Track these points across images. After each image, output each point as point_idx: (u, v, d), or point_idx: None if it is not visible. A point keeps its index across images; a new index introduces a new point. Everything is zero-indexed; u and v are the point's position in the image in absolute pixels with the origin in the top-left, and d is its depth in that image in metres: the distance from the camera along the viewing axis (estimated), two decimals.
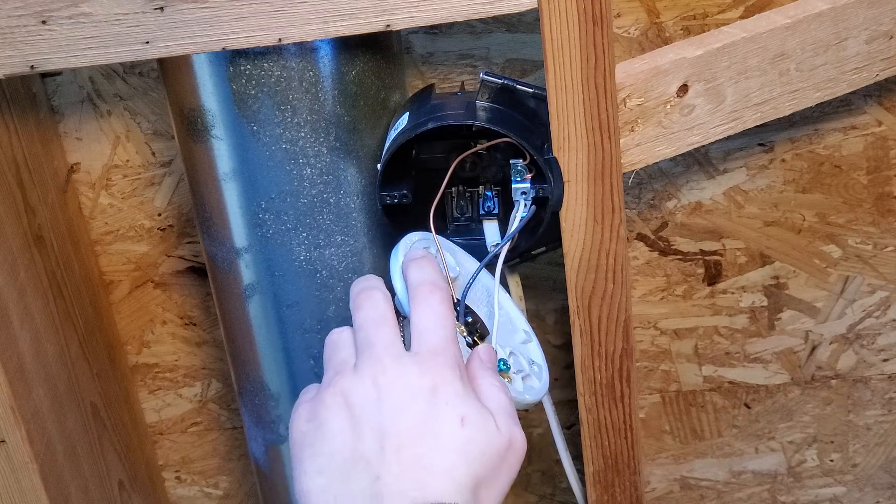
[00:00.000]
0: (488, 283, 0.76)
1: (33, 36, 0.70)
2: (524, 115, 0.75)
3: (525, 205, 0.74)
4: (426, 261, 0.67)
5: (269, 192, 0.77)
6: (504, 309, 0.76)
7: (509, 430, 0.60)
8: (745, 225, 0.95)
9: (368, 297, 0.64)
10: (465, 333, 0.70)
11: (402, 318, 0.73)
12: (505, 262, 0.79)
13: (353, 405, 0.59)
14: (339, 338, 0.64)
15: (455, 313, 0.65)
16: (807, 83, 0.79)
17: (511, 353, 0.73)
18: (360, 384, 0.59)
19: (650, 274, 0.97)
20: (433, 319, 0.62)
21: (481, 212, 0.79)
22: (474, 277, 0.73)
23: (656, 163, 0.80)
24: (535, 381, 0.73)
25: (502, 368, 0.70)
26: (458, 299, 0.72)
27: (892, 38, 0.80)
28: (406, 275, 0.66)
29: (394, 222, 0.77)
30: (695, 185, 0.94)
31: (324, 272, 0.79)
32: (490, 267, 0.75)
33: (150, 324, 1.01)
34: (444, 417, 0.58)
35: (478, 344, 0.71)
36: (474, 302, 0.74)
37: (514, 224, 0.74)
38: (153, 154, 0.93)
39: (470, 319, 0.72)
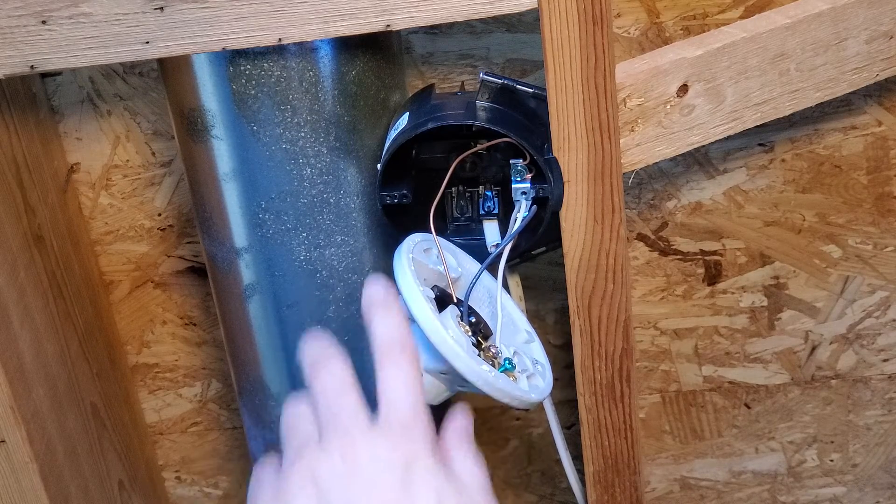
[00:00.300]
0: (489, 283, 0.76)
1: (33, 36, 0.70)
2: (524, 115, 0.75)
3: (525, 205, 0.74)
4: (392, 308, 0.60)
5: (269, 192, 0.77)
6: (506, 309, 0.76)
7: None
8: (745, 225, 0.95)
9: (325, 365, 0.59)
10: (469, 333, 0.70)
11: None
12: (505, 263, 0.79)
13: (320, 480, 0.55)
14: (296, 410, 0.60)
15: (421, 372, 0.61)
16: (807, 83, 0.79)
17: (515, 352, 0.73)
18: (328, 459, 0.55)
19: (650, 274, 0.97)
20: (402, 385, 0.57)
21: (481, 212, 0.79)
22: (477, 277, 0.73)
23: (656, 163, 0.80)
24: (539, 381, 0.73)
25: (508, 367, 0.70)
26: (459, 299, 0.72)
27: (892, 38, 0.80)
28: (368, 319, 0.60)
29: (394, 222, 0.77)
30: (695, 185, 0.94)
31: (324, 272, 0.79)
32: (491, 267, 0.75)
33: (150, 324, 1.01)
34: (417, 495, 0.54)
35: (482, 344, 0.71)
36: (475, 302, 0.74)
37: (516, 224, 0.74)
38: (153, 154, 0.93)
39: (473, 319, 0.72)
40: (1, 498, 0.82)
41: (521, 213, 0.74)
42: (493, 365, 0.70)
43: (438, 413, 0.92)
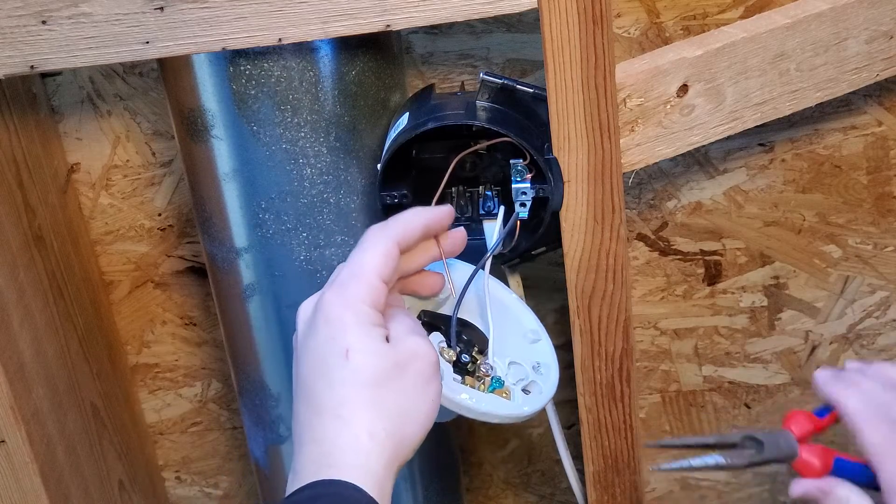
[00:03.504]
0: (489, 286, 0.75)
1: (33, 36, 0.70)
2: (524, 115, 0.75)
3: (525, 205, 0.74)
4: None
5: (269, 192, 0.77)
6: (510, 310, 0.75)
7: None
8: (745, 225, 0.95)
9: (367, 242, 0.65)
10: (454, 358, 0.69)
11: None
12: (505, 263, 0.79)
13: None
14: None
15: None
16: (807, 83, 0.79)
17: (511, 363, 0.72)
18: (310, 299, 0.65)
19: (650, 274, 0.97)
20: (356, 255, 0.64)
21: (481, 212, 0.79)
22: (462, 296, 0.71)
23: (656, 163, 0.80)
24: (537, 388, 0.72)
25: (496, 386, 0.70)
26: (448, 316, 0.71)
27: (892, 38, 0.80)
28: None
29: None
30: (695, 185, 0.94)
31: (324, 272, 0.79)
32: (494, 270, 0.75)
33: (150, 324, 1.01)
34: (312, 329, 0.62)
35: (477, 360, 0.71)
36: (473, 311, 0.73)
37: (496, 235, 0.74)
38: (153, 154, 0.93)
39: (466, 337, 0.71)
40: (1, 498, 0.82)
41: (501, 213, 0.74)
42: (482, 386, 0.69)
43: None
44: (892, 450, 0.68)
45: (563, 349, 1.00)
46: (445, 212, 0.66)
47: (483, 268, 0.73)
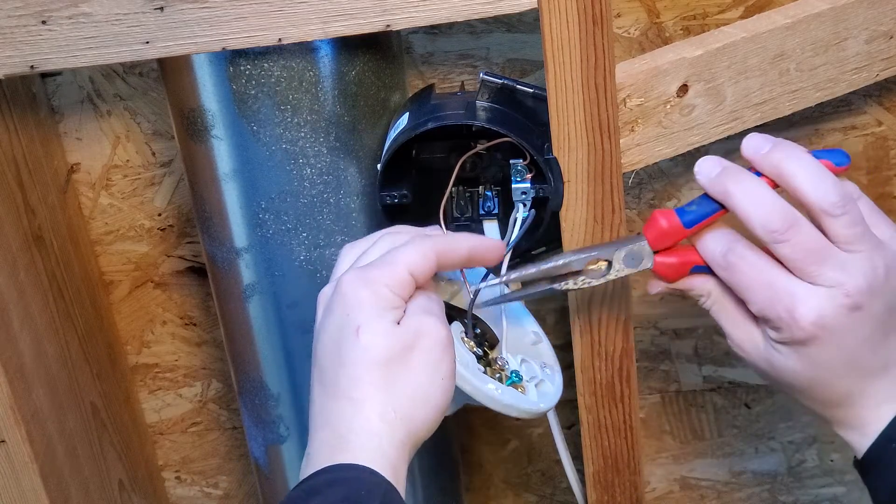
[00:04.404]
0: (493, 288, 0.75)
1: (33, 36, 0.70)
2: (524, 115, 0.75)
3: (525, 205, 0.74)
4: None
5: (269, 192, 0.77)
6: (513, 313, 0.76)
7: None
8: None
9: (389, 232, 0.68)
10: (474, 347, 0.69)
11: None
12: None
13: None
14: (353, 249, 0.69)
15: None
16: (807, 83, 0.79)
17: (523, 360, 0.72)
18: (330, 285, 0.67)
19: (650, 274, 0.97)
20: (388, 249, 0.65)
21: (481, 212, 0.79)
22: (478, 290, 0.72)
23: (656, 163, 0.80)
24: (548, 386, 0.72)
25: (514, 380, 0.70)
26: (463, 310, 0.72)
27: (892, 38, 0.80)
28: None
29: (394, 222, 0.77)
30: (695, 185, 0.93)
31: (324, 272, 0.79)
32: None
33: (150, 324, 1.01)
34: (331, 306, 0.63)
35: (489, 354, 0.71)
36: (480, 308, 0.74)
37: (515, 231, 0.74)
38: (153, 154, 0.93)
39: (479, 330, 0.71)
40: (1, 498, 0.82)
41: (521, 214, 0.74)
42: (501, 378, 0.69)
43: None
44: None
45: (563, 349, 1.00)
46: (495, 245, 0.67)
47: (501, 264, 0.73)
